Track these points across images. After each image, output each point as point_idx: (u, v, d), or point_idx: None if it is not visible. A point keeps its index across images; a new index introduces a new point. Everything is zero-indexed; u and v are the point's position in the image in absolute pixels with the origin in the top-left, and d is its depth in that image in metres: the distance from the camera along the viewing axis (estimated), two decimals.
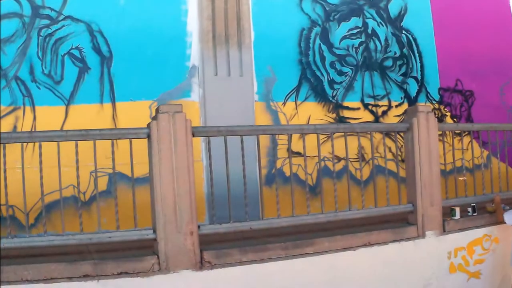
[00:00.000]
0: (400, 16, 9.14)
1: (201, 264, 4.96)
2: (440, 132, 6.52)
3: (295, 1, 8.30)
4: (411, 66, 9.15)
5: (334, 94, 8.48)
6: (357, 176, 7.25)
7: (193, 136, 5.08)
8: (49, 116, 6.75)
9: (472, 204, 6.62)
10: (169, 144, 4.89)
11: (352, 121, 8.40)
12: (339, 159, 7.00)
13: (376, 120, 8.74)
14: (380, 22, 8.96)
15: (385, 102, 8.88)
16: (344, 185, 6.02)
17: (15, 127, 6.66)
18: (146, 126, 4.99)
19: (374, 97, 8.78)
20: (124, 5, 7.22)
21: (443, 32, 9.42)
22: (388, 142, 7.93)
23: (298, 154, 6.66)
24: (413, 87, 9.17)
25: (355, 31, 8.74)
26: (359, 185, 6.27)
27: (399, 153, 7.38)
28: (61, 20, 6.93)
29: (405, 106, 8.89)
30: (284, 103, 8.09)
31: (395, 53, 9.05)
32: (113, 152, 4.98)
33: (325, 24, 8.51)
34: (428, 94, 9.29)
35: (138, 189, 5.12)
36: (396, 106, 8.96)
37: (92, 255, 4.92)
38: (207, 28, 7.49)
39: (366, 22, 8.84)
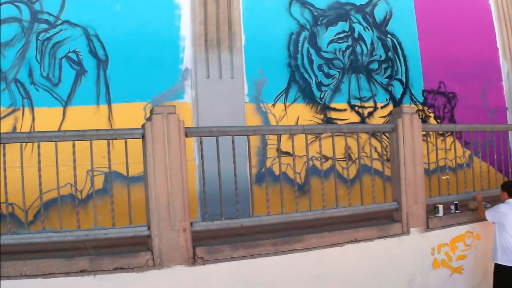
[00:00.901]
0: (386, 20, 9.25)
1: (194, 260, 5.01)
2: (424, 133, 6.57)
3: (284, 6, 8.38)
4: (396, 69, 9.25)
5: (321, 96, 8.56)
6: (344, 175, 7.31)
7: (186, 136, 5.11)
8: (47, 117, 6.81)
9: (454, 202, 6.67)
10: (163, 144, 4.92)
11: (339, 122, 8.50)
12: (327, 158, 7.08)
13: (362, 121, 8.80)
14: (366, 27, 9.05)
15: (371, 103, 8.96)
16: (332, 184, 6.09)
17: (14, 127, 6.71)
18: (140, 127, 5.02)
19: (360, 99, 8.86)
20: (119, 10, 7.30)
21: (427, 36, 9.52)
22: (374, 142, 8.02)
23: (287, 153, 6.70)
24: (398, 89, 9.26)
25: (342, 35, 8.83)
26: (346, 183, 6.34)
27: (385, 152, 7.41)
28: (59, 24, 7.01)
29: (390, 107, 8.97)
30: (273, 105, 8.17)
31: (381, 56, 9.15)
32: (109, 152, 5.01)
33: (313, 29, 8.60)
34: (413, 96, 9.40)
35: (133, 188, 5.16)
36: (382, 107, 9.04)
37: (89, 251, 4.97)
38: (199, 32, 7.57)
39: (353, 26, 8.93)
